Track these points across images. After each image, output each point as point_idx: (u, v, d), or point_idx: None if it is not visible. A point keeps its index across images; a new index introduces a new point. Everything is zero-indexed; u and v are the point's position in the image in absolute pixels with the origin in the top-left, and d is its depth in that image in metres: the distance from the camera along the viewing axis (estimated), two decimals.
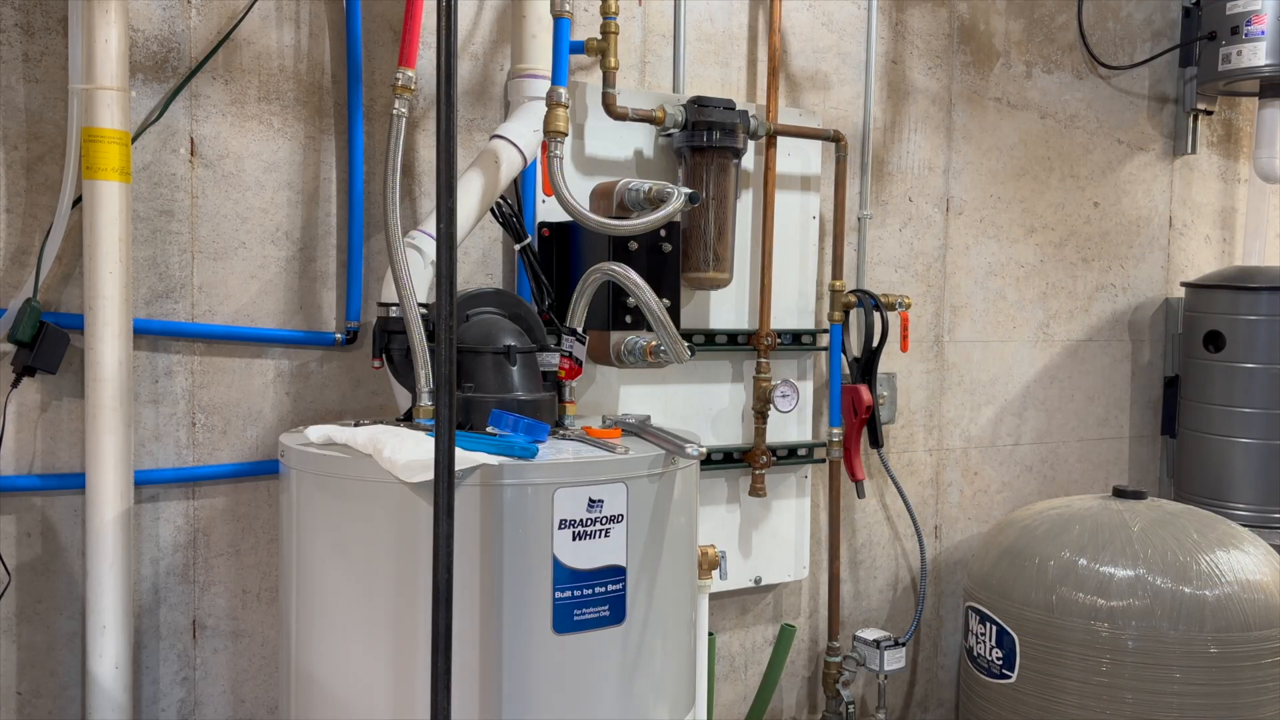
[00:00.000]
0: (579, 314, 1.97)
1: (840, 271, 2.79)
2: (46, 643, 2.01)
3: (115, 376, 1.88)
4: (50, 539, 2.00)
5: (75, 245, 1.94)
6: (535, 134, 2.08)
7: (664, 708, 1.81)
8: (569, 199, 1.99)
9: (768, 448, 2.64)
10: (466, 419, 1.83)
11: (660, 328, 1.88)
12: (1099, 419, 3.41)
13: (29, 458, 1.97)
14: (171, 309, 2.07)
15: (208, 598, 2.15)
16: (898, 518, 3.05)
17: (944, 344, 3.08)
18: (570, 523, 1.64)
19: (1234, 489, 3.17)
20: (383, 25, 2.23)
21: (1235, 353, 3.15)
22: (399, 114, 1.92)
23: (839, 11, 2.82)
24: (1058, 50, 3.23)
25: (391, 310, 1.95)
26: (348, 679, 1.69)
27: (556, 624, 1.64)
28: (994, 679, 2.65)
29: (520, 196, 2.31)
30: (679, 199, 1.99)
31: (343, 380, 2.23)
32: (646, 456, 1.74)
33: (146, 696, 2.10)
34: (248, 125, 2.12)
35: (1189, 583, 2.37)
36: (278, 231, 2.15)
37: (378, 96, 2.21)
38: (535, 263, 2.21)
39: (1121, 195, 3.40)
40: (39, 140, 1.95)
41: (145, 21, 2.02)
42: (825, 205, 2.79)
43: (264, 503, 2.18)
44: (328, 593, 1.72)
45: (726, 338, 2.59)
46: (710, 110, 2.38)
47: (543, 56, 2.12)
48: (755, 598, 2.82)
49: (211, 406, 2.12)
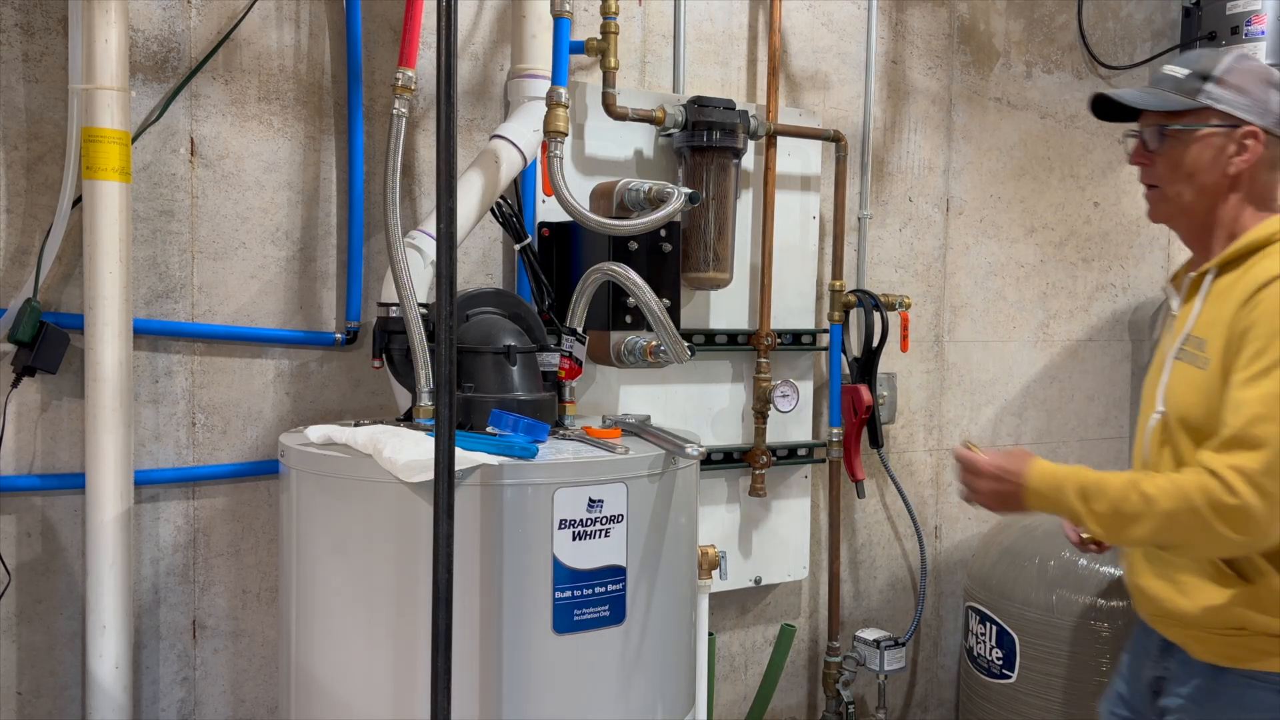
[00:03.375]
0: (579, 314, 1.97)
1: (840, 271, 2.79)
2: (46, 643, 2.01)
3: (115, 376, 1.88)
4: (50, 539, 2.00)
5: (75, 245, 1.94)
6: (535, 134, 2.08)
7: (664, 708, 1.81)
8: (569, 199, 1.99)
9: (768, 448, 2.64)
10: (466, 419, 1.83)
11: (660, 328, 1.88)
12: (1099, 419, 3.41)
13: (29, 458, 1.97)
14: (171, 309, 2.07)
15: (208, 598, 2.15)
16: (898, 518, 3.05)
17: (944, 344, 3.08)
18: (570, 523, 1.64)
19: None
20: (383, 25, 2.23)
21: None
22: (399, 114, 1.92)
23: (839, 11, 2.82)
24: (1058, 50, 3.23)
25: (391, 310, 1.95)
26: (348, 679, 1.69)
27: (556, 624, 1.64)
28: (994, 679, 2.65)
29: (520, 196, 2.31)
30: (679, 199, 1.98)
31: (343, 380, 2.23)
32: (646, 456, 1.74)
33: (146, 696, 2.10)
34: (248, 125, 2.12)
35: None
36: (278, 231, 2.15)
37: (378, 96, 2.21)
38: (535, 263, 2.21)
39: (1122, 195, 3.40)
40: (39, 140, 1.95)
41: (145, 21, 2.02)
42: (825, 205, 2.79)
43: (264, 503, 2.18)
44: (328, 593, 1.72)
45: (726, 338, 2.59)
46: (710, 110, 2.38)
47: (543, 56, 2.12)
48: (755, 598, 2.82)
49: (211, 406, 2.12)
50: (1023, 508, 1.65)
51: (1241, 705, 1.63)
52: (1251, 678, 1.62)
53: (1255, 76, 1.66)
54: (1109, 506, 1.56)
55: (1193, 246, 1.76)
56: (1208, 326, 1.62)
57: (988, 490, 1.67)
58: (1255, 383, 1.50)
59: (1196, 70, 1.66)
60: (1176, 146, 1.68)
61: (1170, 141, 1.68)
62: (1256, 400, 1.49)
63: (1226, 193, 1.68)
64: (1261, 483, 1.46)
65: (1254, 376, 1.51)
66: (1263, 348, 1.51)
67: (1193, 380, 1.62)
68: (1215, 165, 1.66)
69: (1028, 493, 1.63)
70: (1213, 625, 1.63)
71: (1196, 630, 1.66)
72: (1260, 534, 1.49)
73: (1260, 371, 1.51)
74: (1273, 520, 1.47)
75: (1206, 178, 1.66)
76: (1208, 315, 1.63)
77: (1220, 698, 1.65)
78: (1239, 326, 1.55)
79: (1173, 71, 1.69)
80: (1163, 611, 1.71)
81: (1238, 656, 1.62)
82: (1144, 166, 1.73)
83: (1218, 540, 1.50)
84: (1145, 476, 1.56)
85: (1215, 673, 1.65)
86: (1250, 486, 1.46)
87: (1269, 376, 1.50)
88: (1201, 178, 1.67)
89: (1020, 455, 1.66)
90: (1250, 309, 1.54)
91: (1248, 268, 1.60)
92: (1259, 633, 1.60)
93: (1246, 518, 1.47)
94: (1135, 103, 1.71)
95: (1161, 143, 1.69)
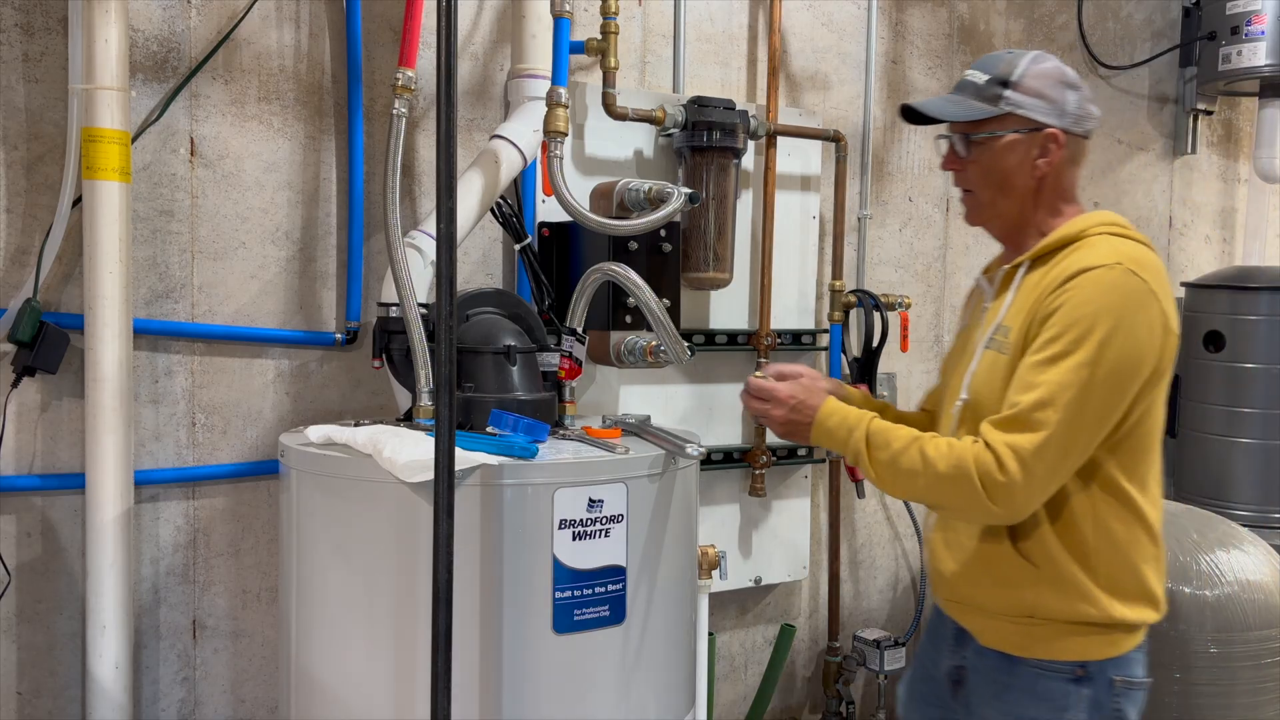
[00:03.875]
0: (579, 314, 1.97)
1: (840, 271, 2.79)
2: (46, 643, 2.01)
3: (115, 376, 1.88)
4: (50, 539, 2.00)
5: (75, 245, 1.94)
6: (535, 134, 2.08)
7: (664, 708, 1.81)
8: (569, 199, 1.99)
9: (768, 448, 2.64)
10: (466, 419, 1.83)
11: (660, 328, 1.88)
12: None
13: (29, 458, 1.97)
14: (171, 309, 2.07)
15: (208, 598, 2.15)
16: (898, 518, 3.05)
17: (944, 344, 3.08)
18: (570, 523, 1.64)
19: (1234, 489, 3.16)
20: (383, 25, 2.23)
21: (1235, 353, 3.15)
22: (399, 114, 1.92)
23: (839, 11, 2.82)
24: (1058, 50, 3.23)
25: (391, 310, 1.95)
26: (348, 679, 1.69)
27: (557, 624, 1.64)
28: None
29: (520, 196, 2.31)
30: (679, 199, 1.98)
31: (343, 380, 2.23)
32: (646, 456, 1.74)
33: (146, 696, 2.10)
34: (248, 125, 2.12)
35: (1189, 582, 2.37)
36: (278, 231, 2.15)
37: (378, 96, 2.21)
38: (535, 263, 2.21)
39: (1121, 195, 3.40)
40: (39, 140, 1.95)
41: (145, 21, 2.02)
42: (825, 205, 2.79)
43: (264, 503, 2.18)
44: (328, 593, 1.72)
45: (726, 338, 2.59)
46: (710, 110, 2.38)
47: (543, 56, 2.12)
48: (755, 598, 2.82)
49: (211, 406, 2.12)
50: (808, 440, 1.73)
51: (1034, 695, 1.65)
52: (1042, 667, 1.64)
53: (1051, 78, 1.68)
54: (889, 456, 1.62)
55: (1005, 243, 1.80)
56: (1015, 315, 1.66)
57: (780, 418, 1.74)
58: (1048, 367, 1.55)
59: (995, 75, 1.69)
60: (985, 154, 1.71)
61: (978, 149, 1.72)
62: (1045, 385, 1.53)
63: (1035, 193, 1.72)
64: (1031, 465, 1.53)
65: (1048, 360, 1.55)
66: (1060, 333, 1.55)
67: (996, 365, 1.66)
68: (1022, 169, 1.69)
69: (816, 427, 1.70)
70: (1002, 610, 1.66)
71: (985, 616, 1.69)
72: (1017, 511, 1.57)
73: (1055, 356, 1.55)
74: (1030, 500, 1.56)
75: (1015, 181, 1.70)
76: (1017, 305, 1.67)
77: (1014, 690, 1.67)
78: (1042, 311, 1.59)
79: (973, 77, 1.72)
80: (956, 596, 1.74)
81: (1027, 645, 1.65)
82: (956, 172, 1.77)
83: (979, 509, 1.57)
84: (929, 438, 1.61)
85: (1009, 664, 1.67)
86: (1020, 466, 1.53)
87: (1060, 364, 1.54)
88: (1011, 182, 1.70)
89: (817, 391, 1.74)
90: (1056, 296, 1.58)
91: (1058, 261, 1.64)
92: (1047, 619, 1.63)
93: (1010, 494, 1.54)
94: (938, 114, 1.74)
95: (969, 150, 1.72)
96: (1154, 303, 1.58)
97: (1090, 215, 1.72)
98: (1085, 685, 1.63)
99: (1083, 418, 1.54)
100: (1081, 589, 1.61)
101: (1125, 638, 1.64)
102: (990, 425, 1.58)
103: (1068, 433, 1.53)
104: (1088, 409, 1.54)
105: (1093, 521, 1.62)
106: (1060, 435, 1.53)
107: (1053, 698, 1.64)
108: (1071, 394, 1.52)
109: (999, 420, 1.57)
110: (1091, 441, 1.57)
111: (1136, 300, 1.57)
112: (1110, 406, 1.56)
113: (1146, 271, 1.59)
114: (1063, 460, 1.55)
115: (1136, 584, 1.64)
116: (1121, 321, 1.54)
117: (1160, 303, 1.59)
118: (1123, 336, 1.54)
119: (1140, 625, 1.66)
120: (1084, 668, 1.63)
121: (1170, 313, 1.61)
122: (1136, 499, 1.64)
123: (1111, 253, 1.60)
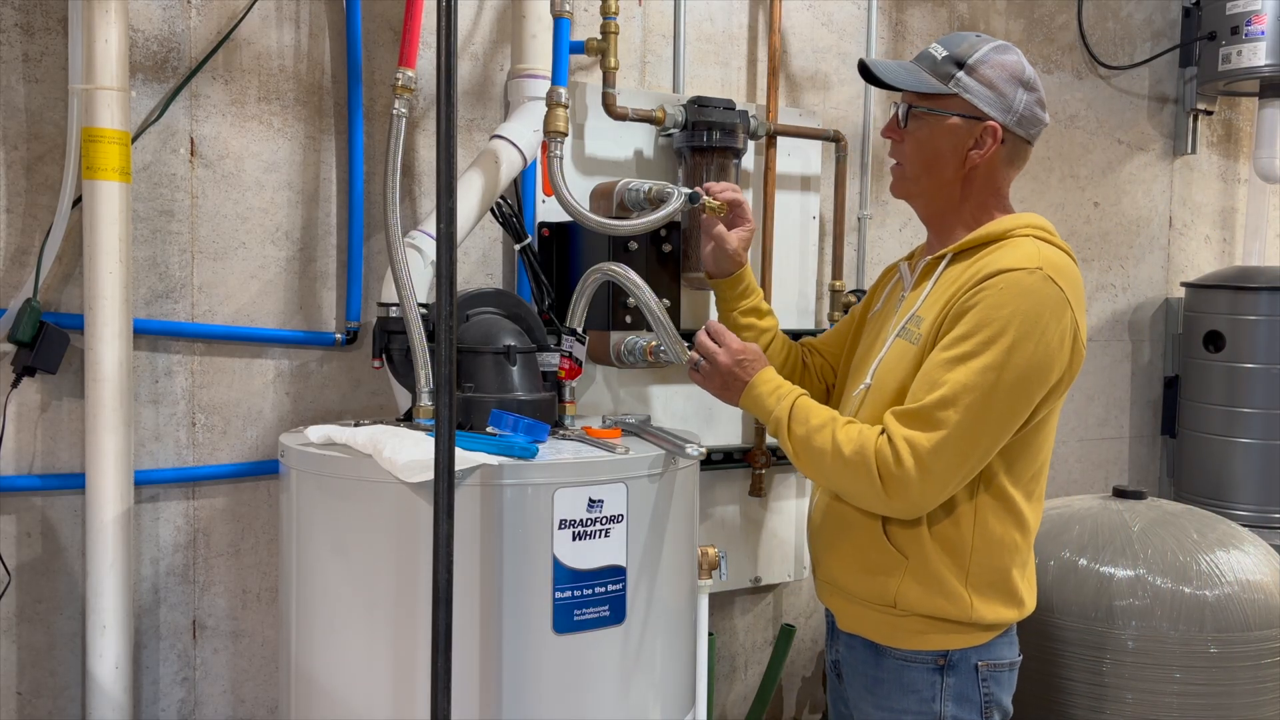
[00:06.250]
0: (579, 314, 1.97)
1: (840, 271, 2.79)
2: (46, 643, 2.01)
3: (115, 376, 1.88)
4: (50, 539, 2.00)
5: (75, 245, 1.94)
6: (535, 134, 2.08)
7: (664, 708, 1.81)
8: (569, 199, 1.99)
9: (767, 448, 2.64)
10: (466, 419, 1.83)
11: (660, 328, 1.88)
12: (1099, 419, 3.41)
13: (29, 458, 1.97)
14: (171, 309, 2.07)
15: (208, 598, 2.15)
16: None
17: None
18: (570, 523, 1.64)
19: (1234, 489, 3.17)
20: (383, 25, 2.23)
21: (1235, 353, 3.16)
22: (399, 114, 1.92)
23: (839, 11, 2.82)
24: (1058, 50, 3.23)
25: (391, 310, 1.95)
26: (348, 679, 1.69)
27: (556, 624, 1.64)
28: None
29: (520, 196, 2.31)
30: (679, 199, 1.98)
31: (343, 380, 2.23)
32: (646, 456, 1.74)
33: (146, 696, 2.10)
34: (248, 125, 2.12)
35: (1189, 583, 2.37)
36: (278, 231, 2.15)
37: (378, 96, 2.21)
38: (535, 263, 2.21)
39: (1121, 195, 3.40)
40: (39, 140, 1.95)
41: (145, 21, 2.02)
42: (825, 205, 2.79)
43: (264, 503, 2.18)
44: (328, 593, 1.72)
45: None
46: (710, 110, 2.38)
47: (543, 56, 2.12)
48: (755, 598, 2.82)
49: (211, 406, 2.12)
50: (736, 402, 1.75)
51: (902, 687, 1.66)
52: (905, 658, 1.66)
53: (1006, 71, 1.67)
54: (805, 433, 1.63)
55: (929, 228, 1.79)
56: (929, 307, 1.65)
57: (724, 366, 1.74)
58: (955, 366, 1.54)
59: (953, 54, 1.67)
60: (922, 128, 1.69)
61: (917, 122, 1.69)
62: (950, 384, 1.53)
63: (962, 183, 1.69)
64: (928, 462, 1.53)
65: (956, 359, 1.54)
66: (971, 333, 1.54)
67: (904, 355, 1.65)
68: (953, 155, 1.67)
69: (748, 390, 1.73)
70: (865, 596, 1.68)
71: (848, 600, 1.71)
72: (911, 505, 1.57)
73: (963, 355, 1.54)
74: (926, 497, 1.56)
75: (945, 165, 1.68)
76: (933, 297, 1.66)
77: (884, 683, 1.68)
78: (956, 307, 1.58)
79: (934, 50, 1.70)
80: (826, 577, 1.76)
81: (891, 635, 1.66)
82: (894, 141, 1.75)
83: (875, 499, 1.58)
84: (844, 423, 1.62)
85: (875, 656, 1.69)
86: (915, 462, 1.53)
87: (968, 364, 1.53)
88: (940, 164, 1.68)
89: (756, 360, 1.74)
90: (973, 294, 1.57)
91: (979, 258, 1.63)
92: (909, 612, 1.64)
93: (904, 488, 1.54)
94: (888, 77, 1.71)
95: (910, 121, 1.70)
96: (1068, 312, 1.56)
97: (1018, 216, 1.69)
98: (949, 674, 1.64)
99: (984, 421, 1.53)
100: (945, 586, 1.61)
101: (985, 633, 1.65)
102: (893, 417, 1.58)
103: (966, 435, 1.52)
104: (990, 413, 1.53)
105: (974, 521, 1.61)
106: (958, 436, 1.52)
107: (919, 688, 1.65)
108: (975, 396, 1.51)
109: (901, 413, 1.57)
110: (993, 444, 1.56)
111: (1051, 308, 1.54)
112: (1013, 412, 1.55)
113: (1064, 280, 1.57)
114: (962, 461, 1.54)
115: (1004, 586, 1.64)
116: (1033, 328, 1.53)
117: (1074, 313, 1.57)
118: (1033, 344, 1.52)
119: (999, 625, 1.66)
120: (945, 657, 1.64)
121: (1082, 324, 1.59)
122: (1020, 504, 1.63)
123: (1033, 256, 1.58)
